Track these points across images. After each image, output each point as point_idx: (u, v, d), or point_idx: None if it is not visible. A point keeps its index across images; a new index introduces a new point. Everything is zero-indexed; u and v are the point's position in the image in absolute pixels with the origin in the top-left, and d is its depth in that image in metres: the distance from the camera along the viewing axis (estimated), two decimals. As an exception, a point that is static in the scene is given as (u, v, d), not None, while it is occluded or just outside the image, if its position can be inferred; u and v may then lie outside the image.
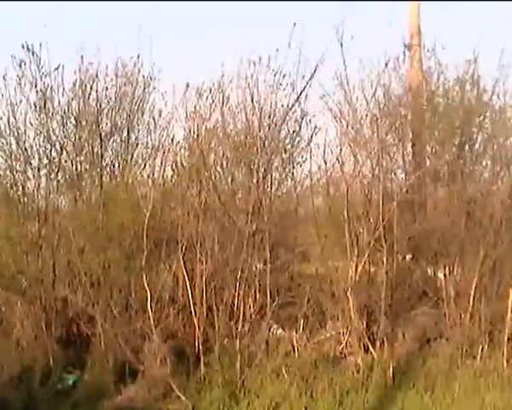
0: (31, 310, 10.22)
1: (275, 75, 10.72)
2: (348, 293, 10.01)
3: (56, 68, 10.86)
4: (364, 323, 10.19)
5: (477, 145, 11.70)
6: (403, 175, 11.90)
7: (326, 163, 10.82)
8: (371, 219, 10.30)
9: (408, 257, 11.53)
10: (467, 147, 11.60)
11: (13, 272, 10.42)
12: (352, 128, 10.98)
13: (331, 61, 10.70)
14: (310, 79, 10.60)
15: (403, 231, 10.43)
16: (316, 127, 11.22)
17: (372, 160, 10.72)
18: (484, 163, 11.76)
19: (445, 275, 10.54)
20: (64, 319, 10.37)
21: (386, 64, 11.18)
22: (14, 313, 10.30)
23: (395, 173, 11.50)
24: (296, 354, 9.86)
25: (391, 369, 9.45)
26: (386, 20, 11.24)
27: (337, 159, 10.76)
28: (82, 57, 10.91)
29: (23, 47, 10.63)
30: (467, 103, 11.69)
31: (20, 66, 10.65)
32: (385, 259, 10.05)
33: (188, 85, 10.89)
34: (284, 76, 10.75)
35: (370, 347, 9.98)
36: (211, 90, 11.06)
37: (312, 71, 10.54)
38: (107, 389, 9.20)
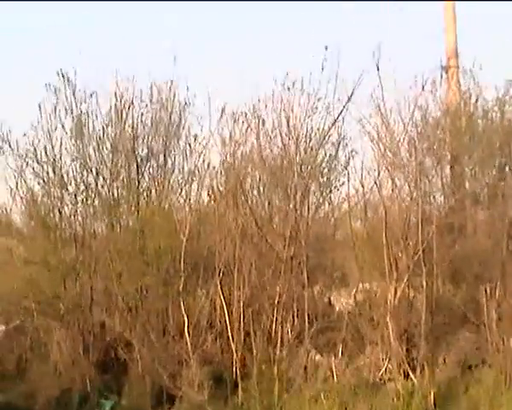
0: (68, 335, 10.27)
1: (310, 99, 10.70)
2: (387, 318, 9.82)
3: (91, 95, 11.01)
4: (404, 348, 9.96)
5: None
6: (441, 198, 11.72)
7: (363, 187, 10.69)
8: (410, 243, 10.12)
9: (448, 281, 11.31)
10: (507, 168, 11.41)
11: (51, 297, 10.47)
12: (390, 151, 10.85)
13: (367, 83, 10.67)
14: (347, 102, 10.60)
15: (442, 255, 10.23)
16: (353, 151, 11.12)
17: (410, 183, 10.59)
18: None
19: (486, 299, 10.29)
20: (101, 344, 10.38)
21: (424, 86, 11.05)
22: (52, 337, 10.36)
23: (434, 196, 11.33)
24: (335, 380, 9.72)
25: (432, 395, 9.21)
26: (424, 43, 11.16)
27: (375, 182, 10.65)
28: (117, 83, 11.03)
29: (58, 74, 10.81)
30: (507, 124, 11.52)
31: (55, 93, 10.81)
32: (424, 283, 9.88)
33: (223, 110, 10.95)
34: (319, 99, 10.73)
35: (410, 373, 9.74)
36: (246, 115, 11.06)
37: (349, 94, 10.54)
38: (145, 414, 9.17)
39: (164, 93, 11.48)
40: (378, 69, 10.42)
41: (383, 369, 9.98)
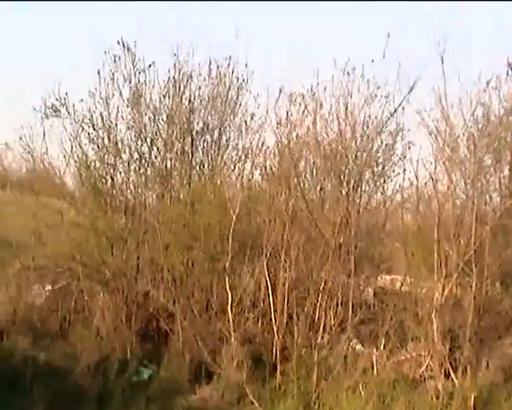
0: (112, 301, 10.36)
1: (369, 86, 10.57)
2: (433, 315, 9.66)
3: (150, 65, 11.02)
4: (447, 347, 9.79)
5: None
6: (498, 199, 11.45)
7: (418, 180, 10.49)
8: (462, 241, 9.94)
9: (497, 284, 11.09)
10: None
11: (97, 262, 10.55)
12: (448, 146, 10.62)
13: (429, 75, 10.43)
14: (408, 93, 10.39)
15: (494, 257, 10.02)
16: (410, 142, 10.94)
17: (467, 180, 10.39)
18: None
19: (536, 305, 10.08)
20: (144, 314, 10.45)
21: (488, 83, 10.78)
22: (96, 302, 10.48)
23: (490, 196, 11.06)
24: (374, 372, 9.60)
25: (472, 399, 9.03)
26: (490, 38, 10.87)
27: (430, 176, 10.42)
28: (176, 55, 11.01)
29: (118, 43, 10.83)
30: None
31: (114, 61, 10.84)
32: (474, 283, 9.69)
33: (281, 90, 10.84)
34: (379, 87, 10.57)
35: (452, 373, 9.59)
36: (304, 97, 10.94)
37: (410, 85, 10.33)
38: (182, 386, 9.23)
39: (222, 69, 11.45)
40: (442, 62, 10.19)
41: (424, 366, 9.83)
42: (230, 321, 9.47)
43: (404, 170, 10.75)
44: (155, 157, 11.24)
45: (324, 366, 9.43)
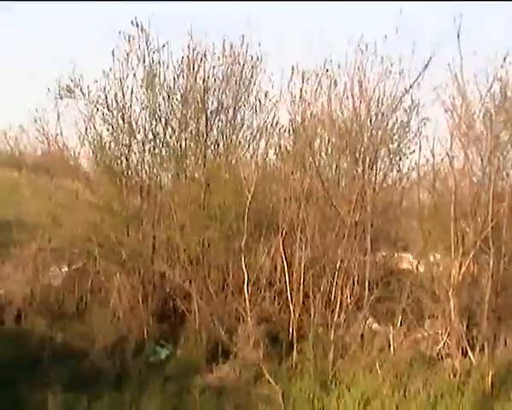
0: (129, 282, 10.38)
1: (383, 63, 10.47)
2: (450, 293, 9.62)
3: (164, 45, 10.96)
4: (465, 325, 9.78)
5: None
6: (515, 175, 11.34)
7: (434, 157, 10.42)
8: (479, 219, 9.87)
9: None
10: None
11: (113, 243, 10.56)
12: (464, 123, 10.51)
13: (445, 51, 10.31)
14: (423, 69, 10.27)
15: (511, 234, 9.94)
16: (425, 119, 10.86)
17: (483, 157, 10.28)
18: None
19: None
20: (161, 294, 10.48)
21: (505, 58, 10.64)
22: (112, 283, 10.50)
23: (507, 173, 10.95)
24: (391, 350, 9.61)
25: (490, 376, 9.01)
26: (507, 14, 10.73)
27: (446, 153, 10.34)
28: (190, 35, 10.94)
29: (132, 23, 10.77)
30: None
31: (128, 41, 10.79)
32: (491, 261, 9.63)
33: (293, 69, 10.78)
34: (393, 64, 10.47)
35: (469, 351, 9.58)
36: (317, 75, 10.87)
37: (426, 61, 10.23)
38: (199, 366, 9.23)
39: (236, 48, 11.38)
40: (458, 37, 10.06)
41: (441, 344, 9.84)
42: (247, 300, 9.47)
43: (420, 147, 10.67)
44: (170, 137, 11.20)
45: (341, 344, 9.45)
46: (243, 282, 9.57)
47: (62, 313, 10.61)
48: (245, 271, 9.56)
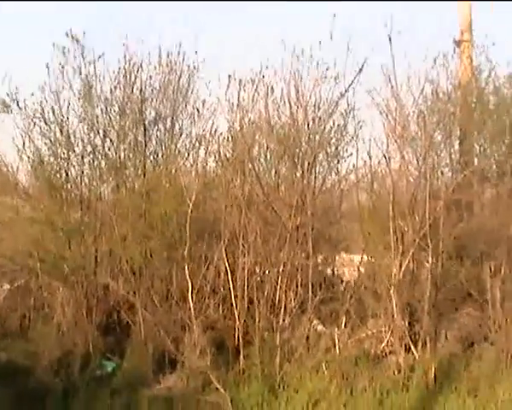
0: (72, 296, 10.28)
1: (319, 68, 10.60)
2: (391, 291, 9.80)
3: (100, 56, 10.92)
4: (407, 322, 9.99)
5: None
6: (450, 174, 11.66)
7: (371, 159, 10.62)
8: (417, 218, 10.08)
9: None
10: (517, 146, 11.33)
11: (55, 257, 10.43)
12: (399, 124, 10.74)
13: (378, 54, 10.53)
14: (358, 73, 10.45)
15: (449, 231, 10.19)
16: (361, 122, 11.03)
17: (419, 157, 10.56)
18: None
19: (491, 276, 10.28)
20: (105, 306, 10.40)
21: (435, 60, 10.96)
22: (55, 298, 10.39)
23: (442, 172, 11.26)
24: (337, 351, 9.71)
25: (433, 370, 9.23)
26: (437, 16, 11.03)
27: (383, 155, 10.55)
28: (126, 46, 10.93)
29: (67, 35, 10.70)
30: (518, 101, 11.43)
31: (63, 53, 10.72)
32: (430, 258, 9.85)
33: (230, 77, 10.84)
34: (328, 69, 10.62)
35: (412, 347, 9.77)
36: (254, 82, 10.95)
37: (360, 65, 10.41)
38: (146, 377, 9.18)
39: (173, 56, 11.41)
40: (390, 40, 10.29)
41: (385, 342, 9.99)
42: (191, 309, 9.44)
43: (357, 150, 10.80)
44: (109, 149, 11.14)
45: (287, 348, 9.51)
46: (187, 291, 9.53)
47: (5, 331, 10.43)
48: (189, 279, 9.53)
